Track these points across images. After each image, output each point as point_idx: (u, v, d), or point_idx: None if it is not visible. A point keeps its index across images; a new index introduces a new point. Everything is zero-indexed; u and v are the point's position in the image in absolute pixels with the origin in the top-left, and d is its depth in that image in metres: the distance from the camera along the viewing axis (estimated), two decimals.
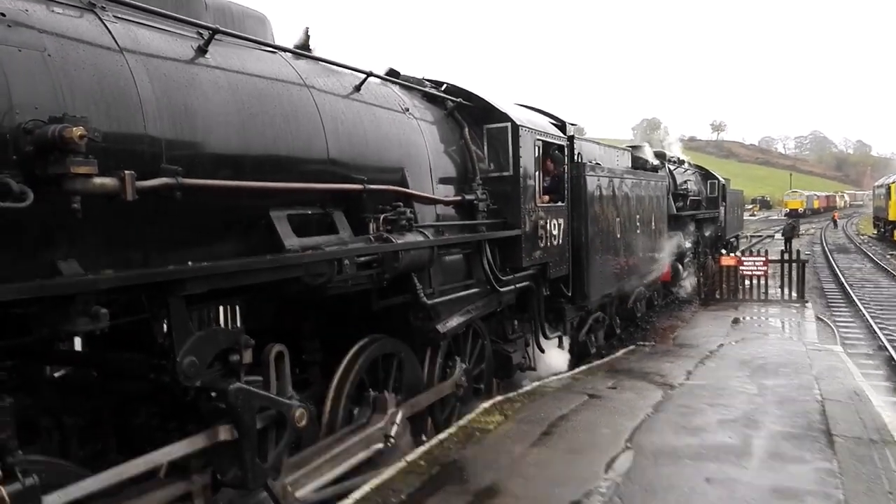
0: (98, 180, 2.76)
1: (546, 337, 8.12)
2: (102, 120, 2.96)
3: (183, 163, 3.28)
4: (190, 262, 3.33)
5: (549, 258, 7.75)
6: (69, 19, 3.07)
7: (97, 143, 2.74)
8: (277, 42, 4.63)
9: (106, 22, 3.24)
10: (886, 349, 11.42)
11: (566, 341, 8.77)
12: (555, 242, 7.93)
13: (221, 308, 4.03)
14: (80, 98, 2.92)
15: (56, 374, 4.14)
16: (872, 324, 13.56)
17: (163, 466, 3.47)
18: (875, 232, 43.17)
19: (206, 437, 3.45)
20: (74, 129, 2.59)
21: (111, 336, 3.22)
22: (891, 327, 13.66)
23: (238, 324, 3.92)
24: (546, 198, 7.79)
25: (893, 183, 34.14)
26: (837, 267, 24.33)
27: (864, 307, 15.63)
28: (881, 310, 15.75)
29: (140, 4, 3.44)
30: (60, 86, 2.84)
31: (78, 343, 4.13)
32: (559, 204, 8.09)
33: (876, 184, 46.34)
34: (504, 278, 6.87)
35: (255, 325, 3.97)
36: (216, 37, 3.79)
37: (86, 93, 2.96)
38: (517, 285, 7.16)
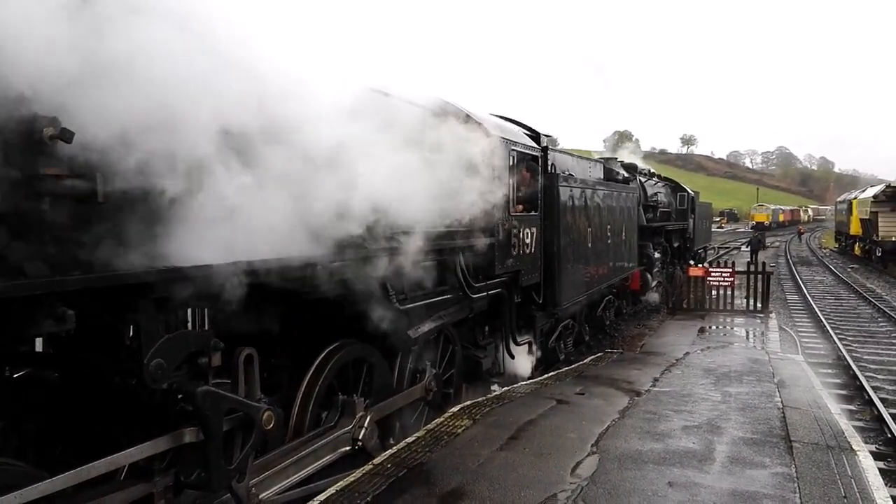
0: (69, 182, 2.75)
1: (516, 343, 8.21)
2: None
3: None
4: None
5: (521, 266, 7.86)
6: None
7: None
8: None
9: None
10: (845, 359, 11.78)
11: (536, 348, 8.88)
12: (527, 251, 8.04)
13: (190, 310, 4.01)
14: None
15: (15, 375, 4.07)
16: (832, 334, 13.97)
17: (124, 468, 3.44)
18: (837, 246, 44.47)
19: (170, 439, 3.44)
20: (45, 129, 2.58)
21: (76, 336, 3.20)
22: (849, 338, 14.10)
23: (206, 326, 3.90)
24: (520, 207, 7.90)
25: (855, 199, 35.25)
26: (801, 279, 25.01)
27: (825, 318, 16.09)
28: (841, 321, 16.24)
29: None
30: None
31: (38, 343, 4.08)
32: (532, 213, 8.21)
33: (838, 199, 47.79)
34: (476, 285, 6.94)
35: (225, 327, 3.96)
36: None
37: None
38: (489, 292, 7.24)
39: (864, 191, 35.74)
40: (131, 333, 3.39)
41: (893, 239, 27.71)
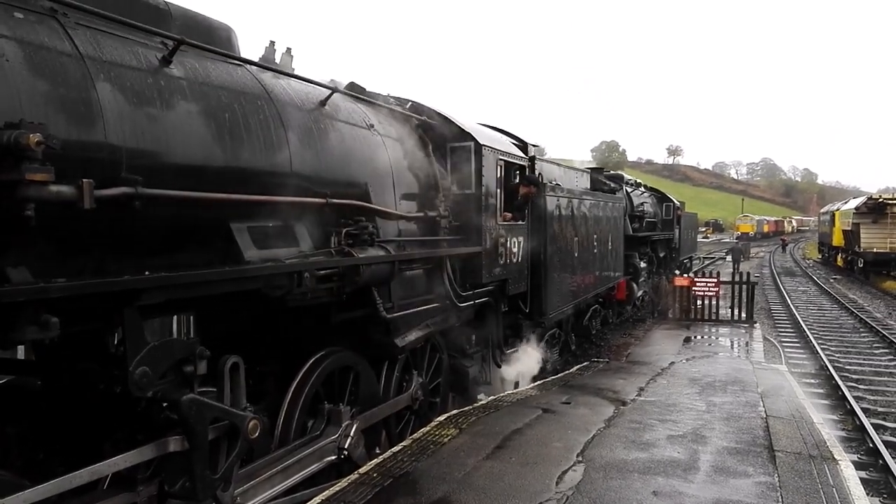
0: (54, 188, 2.74)
1: (503, 352, 8.23)
2: (61, 127, 2.94)
3: (143, 172, 3.27)
4: (147, 272, 3.31)
5: (508, 275, 7.89)
6: (29, 24, 3.05)
7: (55, 150, 2.72)
8: (243, 55, 4.65)
9: (67, 29, 3.22)
10: (827, 369, 11.91)
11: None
12: (514, 260, 8.08)
13: (176, 317, 3.99)
14: (39, 104, 2.89)
15: None
16: (816, 345, 14.12)
17: (107, 478, 3.40)
18: (820, 256, 45.04)
19: (155, 448, 3.41)
20: (31, 135, 2.57)
21: (59, 343, 3.17)
22: (832, 348, 14.26)
23: (192, 334, 3.89)
24: (507, 216, 7.94)
25: (837, 210, 35.75)
26: (784, 289, 25.28)
27: (809, 329, 16.27)
28: (823, 331, 16.43)
29: (102, 12, 3.43)
30: (18, 92, 2.81)
31: (20, 351, 4.04)
32: (519, 223, 8.25)
33: (821, 210, 48.48)
34: (464, 294, 6.96)
35: (212, 335, 3.94)
36: (181, 47, 3.80)
37: (44, 99, 2.93)
38: (476, 301, 7.26)
39: (846, 202, 36.28)
40: (116, 341, 3.37)
41: (875, 250, 28.11)
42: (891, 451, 7.87)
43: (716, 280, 15.28)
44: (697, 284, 15.27)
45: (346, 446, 5.00)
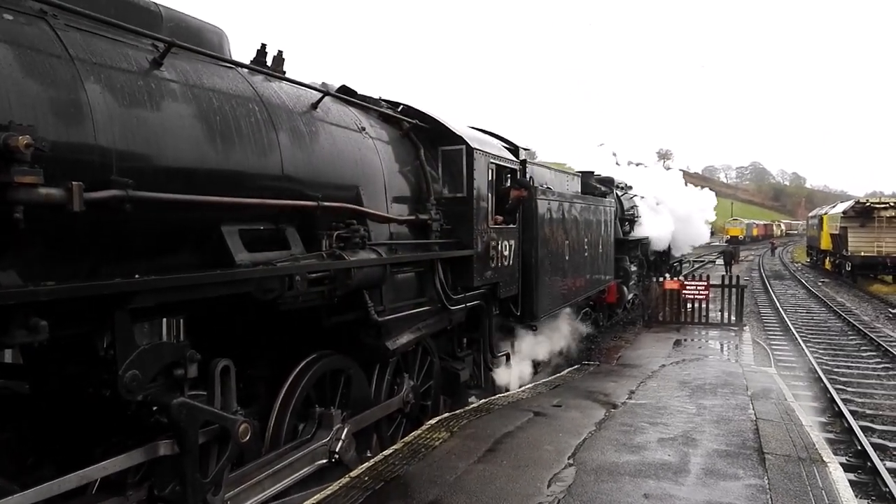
0: (43, 191, 2.72)
1: (494, 355, 8.24)
2: (50, 129, 2.92)
3: (133, 175, 3.26)
4: (137, 275, 3.30)
5: (499, 278, 7.91)
6: (19, 26, 3.03)
7: (44, 153, 2.70)
8: (234, 57, 4.64)
9: (57, 30, 3.21)
10: (816, 372, 12.00)
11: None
12: (506, 263, 8.10)
13: (166, 320, 3.98)
14: (28, 106, 2.87)
15: None
16: (804, 348, 14.23)
17: (95, 482, 3.38)
18: (808, 260, 45.45)
19: (144, 452, 3.39)
20: (20, 137, 2.55)
21: (48, 346, 3.15)
22: (821, 351, 14.38)
23: (183, 337, 3.87)
24: (499, 219, 7.96)
25: (825, 214, 36.11)
26: (774, 293, 25.47)
27: (797, 331, 16.40)
28: (812, 334, 16.56)
29: (93, 14, 3.41)
30: (7, 93, 2.80)
31: (8, 354, 4.01)
32: (511, 226, 8.28)
33: (810, 214, 48.95)
34: (455, 297, 6.97)
35: (202, 338, 3.93)
36: (172, 50, 3.79)
37: (34, 101, 2.92)
38: (468, 304, 7.27)
39: (834, 206, 36.66)
40: (105, 344, 3.35)
41: (862, 254, 28.41)
42: (879, 453, 7.95)
43: (705, 283, 15.35)
44: (687, 288, 15.33)
45: (337, 450, 4.99)
